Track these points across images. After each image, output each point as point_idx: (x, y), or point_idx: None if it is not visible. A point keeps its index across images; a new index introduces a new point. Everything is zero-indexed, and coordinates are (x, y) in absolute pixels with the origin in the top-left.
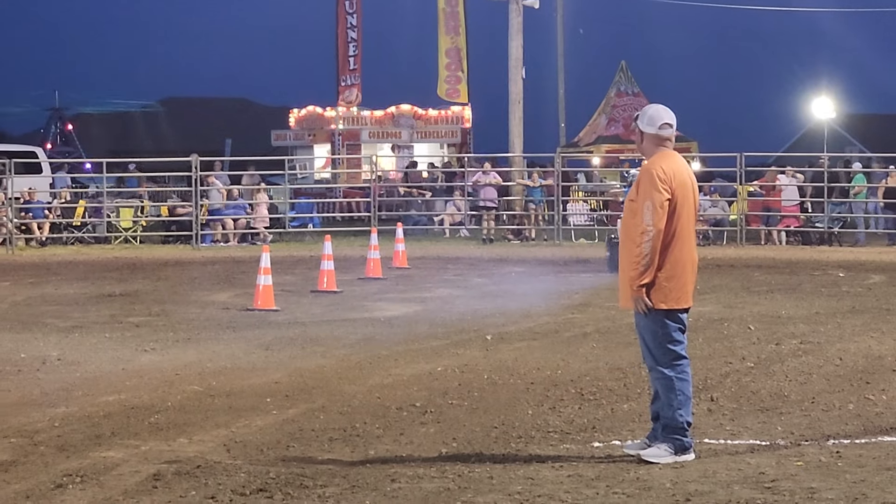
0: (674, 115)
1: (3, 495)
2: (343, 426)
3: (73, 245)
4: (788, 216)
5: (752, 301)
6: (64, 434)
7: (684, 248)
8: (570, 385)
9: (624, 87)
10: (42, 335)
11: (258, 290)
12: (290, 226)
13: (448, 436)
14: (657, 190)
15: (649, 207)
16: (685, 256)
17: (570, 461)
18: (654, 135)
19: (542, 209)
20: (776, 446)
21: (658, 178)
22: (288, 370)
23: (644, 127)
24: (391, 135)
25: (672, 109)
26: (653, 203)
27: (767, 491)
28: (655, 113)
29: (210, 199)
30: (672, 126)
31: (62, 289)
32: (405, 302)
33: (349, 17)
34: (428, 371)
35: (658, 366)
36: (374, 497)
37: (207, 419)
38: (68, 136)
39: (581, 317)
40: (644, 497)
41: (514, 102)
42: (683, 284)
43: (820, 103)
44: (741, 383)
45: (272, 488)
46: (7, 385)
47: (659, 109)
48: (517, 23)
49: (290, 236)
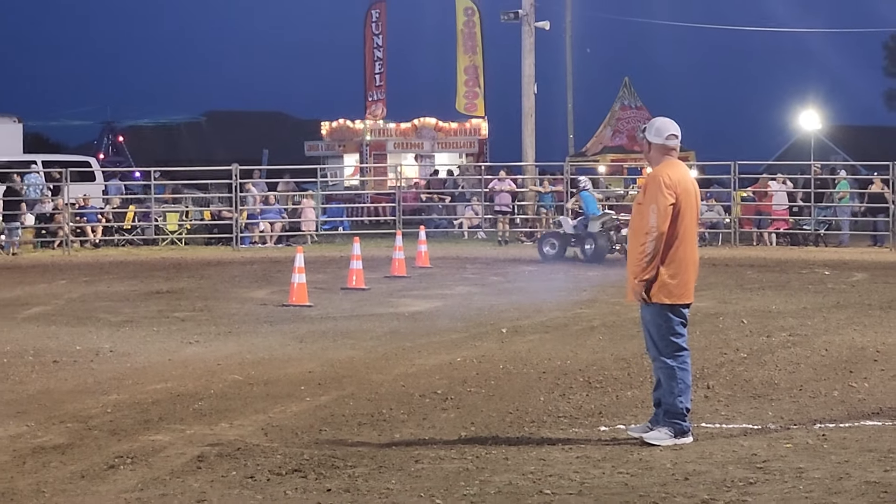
0: (679, 128)
1: (60, 475)
2: (371, 412)
3: (124, 246)
4: (778, 219)
5: (745, 297)
6: (116, 419)
7: (687, 248)
8: (578, 374)
9: (627, 102)
10: (95, 329)
11: (293, 288)
12: (321, 229)
13: (467, 420)
14: (663, 195)
15: (654, 210)
16: (688, 256)
17: (579, 444)
18: (661, 145)
19: (552, 213)
20: (767, 430)
21: (664, 185)
22: (320, 360)
23: (652, 137)
24: (414, 145)
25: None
26: (658, 207)
27: (759, 470)
28: (662, 125)
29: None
30: (677, 137)
31: (114, 286)
32: (427, 298)
33: (375, 38)
34: (448, 361)
35: (661, 356)
36: (400, 476)
37: (247, 405)
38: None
39: (588, 311)
40: (646, 476)
41: (526, 115)
42: (686, 282)
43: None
44: (735, 372)
45: (306, 468)
46: (64, 374)
47: (666, 122)
48: (529, 43)
49: (322, 238)
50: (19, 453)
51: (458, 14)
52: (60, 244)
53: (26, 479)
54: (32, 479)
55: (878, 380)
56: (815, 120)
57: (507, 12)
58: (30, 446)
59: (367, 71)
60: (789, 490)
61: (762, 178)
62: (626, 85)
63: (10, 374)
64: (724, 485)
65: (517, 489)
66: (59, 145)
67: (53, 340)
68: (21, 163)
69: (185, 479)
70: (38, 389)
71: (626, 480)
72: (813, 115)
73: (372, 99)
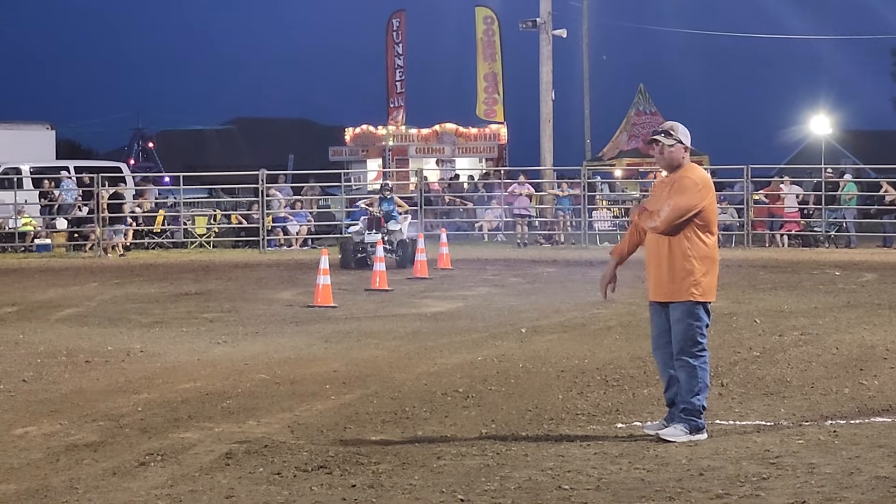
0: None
1: (92, 472)
2: (394, 410)
3: (154, 249)
4: (790, 221)
5: (757, 297)
6: (146, 417)
7: (715, 247)
8: (595, 372)
9: (642, 107)
10: (126, 330)
11: (318, 289)
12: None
13: (487, 418)
14: (694, 198)
15: (673, 208)
16: (715, 255)
17: (597, 440)
18: (688, 147)
19: (570, 216)
20: (780, 426)
21: (697, 189)
22: (345, 360)
23: (686, 140)
24: (436, 150)
25: (686, 126)
26: (678, 206)
27: (772, 466)
28: (685, 129)
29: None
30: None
31: (144, 288)
32: (449, 299)
33: (396, 46)
34: (469, 360)
35: (683, 355)
36: (422, 472)
37: (273, 404)
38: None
39: (605, 312)
40: (662, 472)
41: (544, 121)
42: (714, 280)
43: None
44: (748, 370)
45: (331, 465)
46: (96, 374)
47: (683, 126)
48: (547, 50)
49: None
50: (53, 451)
51: (478, 23)
52: (92, 247)
53: (60, 476)
54: (66, 476)
55: (888, 377)
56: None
57: (526, 21)
58: (63, 444)
59: (388, 78)
60: (801, 485)
61: (774, 182)
62: (642, 91)
63: (43, 374)
64: (738, 480)
65: (536, 485)
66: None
67: (86, 341)
68: (54, 168)
69: (213, 476)
70: (71, 389)
71: (643, 476)
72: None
73: (394, 105)
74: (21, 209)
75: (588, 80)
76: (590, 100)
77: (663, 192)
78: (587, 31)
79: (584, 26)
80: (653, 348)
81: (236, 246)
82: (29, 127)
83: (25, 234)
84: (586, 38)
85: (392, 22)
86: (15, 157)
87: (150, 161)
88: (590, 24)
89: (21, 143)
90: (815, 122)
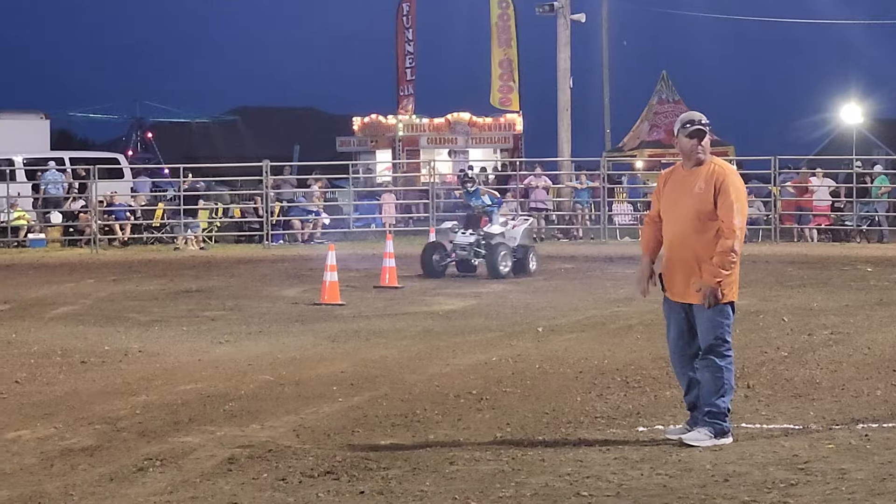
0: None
1: (88, 478)
2: (404, 412)
3: (153, 245)
4: (819, 215)
5: (785, 294)
6: (145, 421)
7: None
8: (615, 374)
9: (665, 96)
10: (124, 329)
11: (325, 286)
12: (353, 226)
13: (502, 421)
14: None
15: (738, 210)
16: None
17: (617, 445)
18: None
19: (588, 210)
20: (809, 430)
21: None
22: (353, 360)
23: (710, 133)
24: (448, 141)
25: (709, 115)
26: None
27: (801, 472)
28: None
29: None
30: None
31: (142, 285)
32: (462, 296)
33: (406, 32)
34: (483, 361)
35: (710, 355)
36: (434, 478)
37: (278, 406)
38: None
39: (626, 310)
40: (685, 478)
41: (562, 110)
42: (738, 277)
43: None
44: (776, 371)
45: (339, 470)
46: (92, 375)
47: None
48: (565, 36)
49: (354, 235)
50: (47, 455)
51: (493, 7)
52: (88, 242)
53: (54, 482)
54: (60, 482)
55: None
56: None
57: (543, 5)
58: (58, 448)
59: (398, 65)
60: (831, 491)
61: (802, 174)
62: (664, 79)
63: (37, 375)
64: (765, 486)
65: (554, 491)
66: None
67: (81, 340)
68: (48, 160)
69: (215, 482)
70: (66, 390)
71: (665, 482)
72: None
73: (404, 93)
74: (14, 202)
75: (608, 66)
76: (609, 88)
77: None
78: (607, 16)
79: (604, 10)
80: (671, 351)
81: (239, 241)
82: (22, 116)
83: (18, 228)
84: (606, 23)
85: (402, 6)
86: (7, 148)
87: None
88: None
89: (13, 133)
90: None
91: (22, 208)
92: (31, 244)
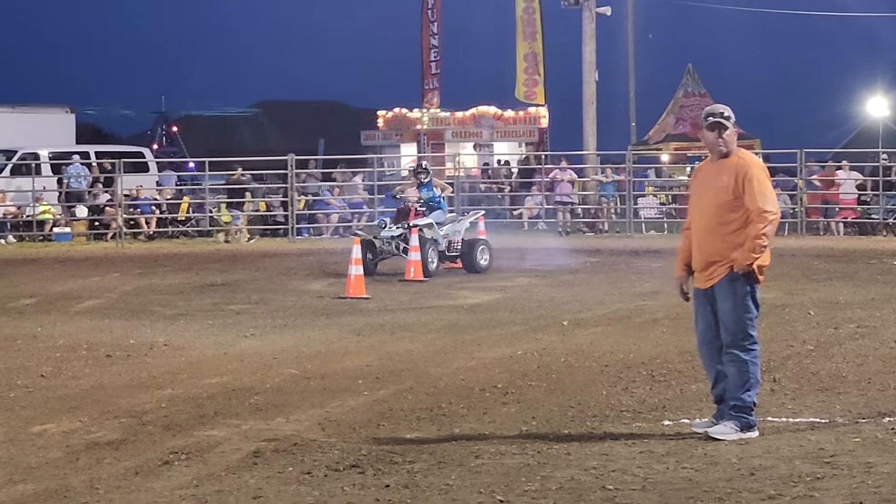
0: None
1: (114, 471)
2: (430, 406)
3: (178, 238)
4: (846, 208)
5: (811, 288)
6: (170, 414)
7: None
8: (641, 367)
9: (691, 89)
10: (150, 322)
11: (350, 280)
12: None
13: (528, 415)
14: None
15: (763, 196)
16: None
17: (642, 438)
18: (737, 132)
19: (614, 203)
20: (835, 424)
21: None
22: (378, 354)
23: (735, 126)
24: (473, 134)
25: (735, 109)
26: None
27: (827, 465)
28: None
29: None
30: None
31: (168, 279)
32: (487, 290)
33: (431, 25)
34: (509, 355)
35: (734, 348)
36: (459, 472)
37: (303, 400)
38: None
39: (651, 303)
40: (711, 471)
41: (587, 103)
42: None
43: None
44: (802, 365)
45: (364, 464)
46: (118, 369)
47: None
48: (590, 29)
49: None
50: (73, 449)
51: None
52: (114, 236)
53: (80, 476)
54: (86, 476)
55: None
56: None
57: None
58: (83, 442)
59: (423, 59)
60: (858, 485)
61: (828, 167)
62: (690, 72)
63: (63, 369)
64: (791, 480)
65: (579, 485)
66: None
67: (107, 334)
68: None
69: (240, 475)
70: (92, 384)
71: (691, 476)
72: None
73: (429, 87)
74: (39, 196)
75: (633, 59)
76: (635, 81)
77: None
78: (632, 9)
79: (629, 3)
80: (699, 343)
81: (264, 234)
82: (48, 110)
83: (44, 222)
84: (631, 16)
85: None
86: (33, 142)
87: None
88: (635, 1)
89: (39, 127)
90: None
91: (47, 202)
92: (57, 238)
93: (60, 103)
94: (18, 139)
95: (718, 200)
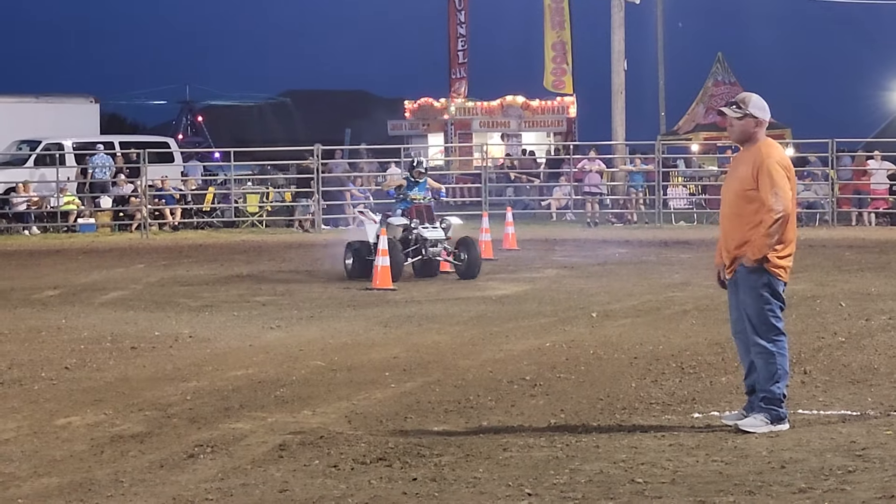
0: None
1: (138, 465)
2: (457, 398)
3: (203, 229)
4: (878, 198)
5: (842, 279)
6: (195, 407)
7: (792, 228)
8: (671, 359)
9: (721, 77)
10: (175, 314)
11: (377, 271)
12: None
13: (556, 407)
14: (784, 179)
15: (776, 194)
16: (793, 235)
17: (672, 431)
18: (765, 121)
19: (643, 194)
20: (866, 416)
21: (782, 168)
22: (405, 346)
23: (759, 113)
24: (500, 124)
25: (766, 97)
26: (782, 191)
27: (858, 458)
28: (761, 102)
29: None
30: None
31: (193, 270)
32: (515, 281)
33: (458, 14)
34: (537, 346)
35: (760, 340)
36: (487, 465)
37: (330, 392)
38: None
39: (681, 295)
40: (741, 464)
41: (616, 93)
42: (791, 261)
43: None
44: (833, 357)
45: (391, 457)
46: (142, 361)
47: (761, 99)
48: (619, 17)
49: None
50: (97, 442)
51: None
52: (138, 227)
53: (104, 469)
54: (111, 469)
55: None
56: None
57: None
58: (108, 435)
59: (450, 48)
60: (889, 478)
61: (859, 157)
62: (720, 60)
63: (87, 361)
64: (822, 473)
65: (608, 478)
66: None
67: (132, 326)
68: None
69: (266, 469)
70: (116, 376)
71: (721, 469)
72: None
73: (456, 76)
74: (63, 187)
75: (662, 48)
76: (664, 70)
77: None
78: None
79: None
80: (732, 332)
81: (290, 225)
82: (72, 100)
83: (68, 213)
84: (661, 4)
85: None
86: (57, 132)
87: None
88: None
89: (63, 117)
90: None
91: (72, 193)
92: (81, 229)
93: (84, 93)
94: (42, 129)
95: (738, 190)
